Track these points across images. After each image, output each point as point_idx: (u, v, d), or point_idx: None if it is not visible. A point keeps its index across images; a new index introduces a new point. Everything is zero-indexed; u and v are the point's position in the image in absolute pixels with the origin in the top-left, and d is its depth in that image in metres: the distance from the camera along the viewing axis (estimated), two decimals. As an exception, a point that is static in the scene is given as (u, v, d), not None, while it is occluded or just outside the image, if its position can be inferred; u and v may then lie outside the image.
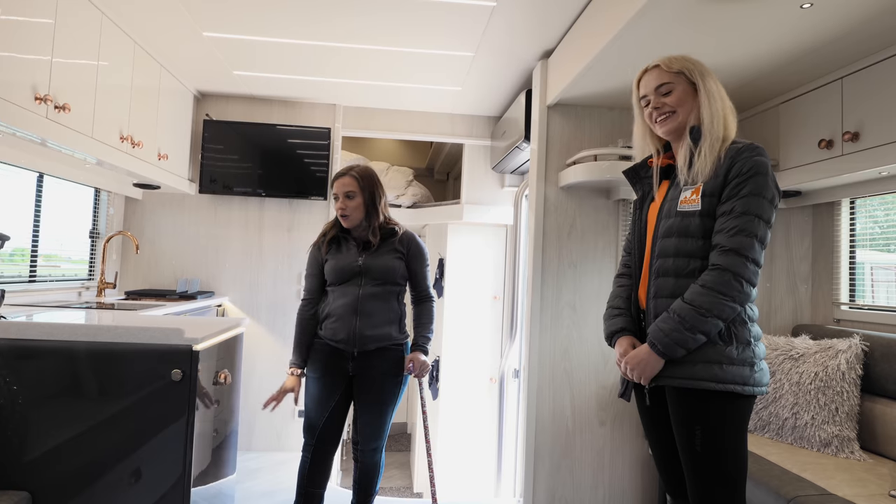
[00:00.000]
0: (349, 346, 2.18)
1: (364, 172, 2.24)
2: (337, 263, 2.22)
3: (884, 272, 2.52)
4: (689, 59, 1.55)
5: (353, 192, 2.18)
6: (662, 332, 1.44)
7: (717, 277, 1.39)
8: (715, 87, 1.52)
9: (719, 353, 1.42)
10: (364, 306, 2.18)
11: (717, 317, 1.39)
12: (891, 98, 1.96)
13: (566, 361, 2.71)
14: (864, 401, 2.18)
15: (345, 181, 2.20)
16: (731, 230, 1.40)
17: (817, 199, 2.57)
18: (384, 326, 2.21)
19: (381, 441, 2.25)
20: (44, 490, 1.60)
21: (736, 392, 1.40)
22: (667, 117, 1.55)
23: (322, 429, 2.19)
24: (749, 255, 1.38)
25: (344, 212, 2.19)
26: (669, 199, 1.55)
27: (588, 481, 2.70)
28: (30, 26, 1.98)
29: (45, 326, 1.65)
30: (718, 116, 1.49)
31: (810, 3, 1.73)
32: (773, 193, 1.43)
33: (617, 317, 1.64)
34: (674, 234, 1.50)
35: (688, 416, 1.45)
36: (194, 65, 3.18)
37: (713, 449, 1.41)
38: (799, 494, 1.76)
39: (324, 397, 2.20)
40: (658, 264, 1.52)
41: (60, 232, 3.03)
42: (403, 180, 4.45)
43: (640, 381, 1.51)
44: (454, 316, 4.07)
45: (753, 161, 1.41)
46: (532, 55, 2.82)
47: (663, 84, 1.54)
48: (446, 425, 4.03)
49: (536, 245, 2.72)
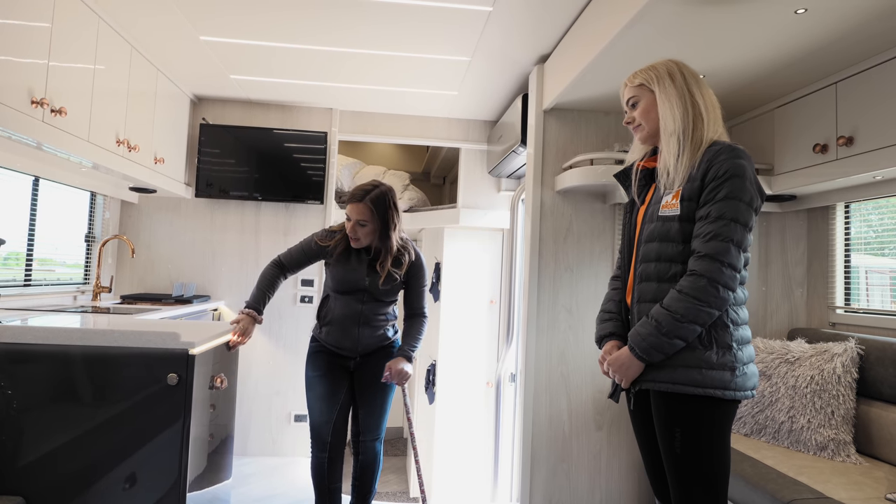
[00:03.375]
0: (352, 352, 2.27)
1: (378, 199, 2.15)
2: (344, 276, 2.21)
3: (878, 276, 2.53)
4: (654, 66, 1.56)
5: (366, 221, 2.14)
6: (640, 337, 1.45)
7: (693, 283, 1.39)
8: (676, 90, 1.51)
9: (698, 358, 1.42)
10: (367, 318, 2.25)
11: (693, 322, 1.39)
12: (885, 102, 1.97)
13: (563, 365, 2.71)
14: (860, 404, 2.18)
15: (358, 209, 2.14)
16: (706, 235, 1.40)
17: (812, 203, 2.58)
18: (382, 330, 2.31)
19: (382, 430, 2.31)
20: (38, 495, 1.59)
21: (716, 396, 1.41)
22: (636, 129, 1.60)
23: (335, 425, 2.22)
24: (725, 261, 1.38)
25: (354, 235, 2.17)
26: (653, 202, 1.57)
27: (585, 485, 2.70)
28: (26, 30, 1.98)
29: (40, 331, 1.64)
30: (680, 118, 1.48)
31: (804, 9, 1.74)
32: (752, 196, 1.42)
33: (607, 321, 1.66)
34: (655, 238, 1.51)
35: (668, 418, 1.46)
36: (191, 69, 3.18)
37: (693, 451, 1.42)
38: (795, 498, 1.76)
39: (330, 393, 2.23)
40: (641, 269, 1.54)
41: (56, 236, 3.01)
42: (400, 184, 4.45)
43: (622, 383, 1.53)
44: (450, 320, 4.06)
45: (730, 164, 1.40)
46: (528, 60, 2.83)
47: (630, 98, 1.60)
48: (442, 429, 4.02)
49: (533, 249, 2.73)
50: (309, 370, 2.29)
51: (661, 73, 1.54)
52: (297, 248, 2.28)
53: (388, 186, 2.21)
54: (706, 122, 1.50)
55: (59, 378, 1.61)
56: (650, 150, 1.66)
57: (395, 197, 2.22)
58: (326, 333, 2.27)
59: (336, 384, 2.25)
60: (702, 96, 1.52)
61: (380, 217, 2.16)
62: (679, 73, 1.53)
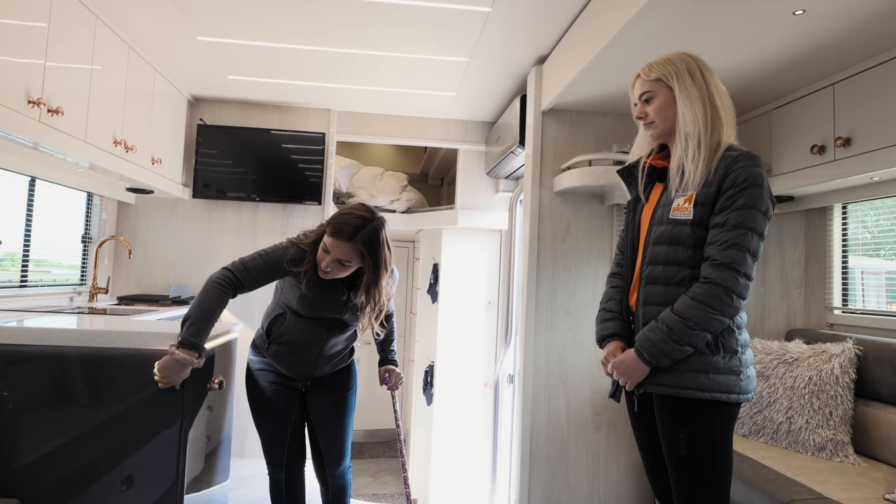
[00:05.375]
0: (302, 379, 2.01)
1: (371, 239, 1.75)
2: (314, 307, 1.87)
3: (874, 277, 2.54)
4: (672, 60, 1.50)
5: (350, 262, 1.78)
6: (650, 342, 1.44)
7: (708, 291, 1.38)
8: (696, 90, 1.46)
9: (706, 363, 1.41)
10: (329, 349, 1.98)
11: (705, 330, 1.39)
12: (882, 104, 1.98)
13: (561, 366, 2.71)
14: (858, 405, 2.19)
15: (345, 249, 1.73)
16: (723, 243, 1.38)
17: (810, 204, 2.59)
18: (342, 355, 2.07)
19: (348, 455, 2.10)
20: (34, 497, 1.57)
21: (721, 400, 1.41)
22: (648, 126, 1.54)
23: (290, 443, 2.02)
24: (741, 270, 1.37)
25: (328, 269, 1.77)
26: (662, 204, 1.53)
27: (583, 487, 2.70)
28: (23, 30, 1.97)
29: (36, 332, 1.63)
30: (701, 120, 1.44)
31: (802, 10, 1.74)
32: (768, 205, 1.41)
33: (609, 321, 1.64)
34: (664, 241, 1.48)
35: (672, 420, 1.45)
36: (189, 69, 3.17)
37: (697, 452, 1.42)
38: (794, 499, 1.76)
39: (281, 416, 1.98)
40: (648, 271, 1.51)
41: (52, 236, 3.00)
42: (398, 185, 4.44)
43: (627, 386, 1.52)
44: (448, 321, 4.06)
45: (749, 172, 1.38)
46: (527, 61, 2.83)
47: (644, 93, 1.53)
48: (441, 431, 4.02)
49: (531, 250, 2.72)
50: (252, 389, 1.99)
51: (681, 70, 1.48)
52: (258, 264, 1.78)
53: (382, 219, 1.82)
54: (724, 124, 1.46)
55: (56, 379, 1.60)
56: (657, 146, 1.61)
57: (388, 231, 1.83)
58: (276, 354, 1.94)
59: (287, 405, 1.98)
60: (719, 97, 1.48)
61: (371, 261, 1.77)
62: (698, 71, 1.48)
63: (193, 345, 1.61)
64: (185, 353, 1.59)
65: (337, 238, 1.72)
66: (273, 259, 1.80)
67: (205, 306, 1.67)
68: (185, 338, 1.61)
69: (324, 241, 1.76)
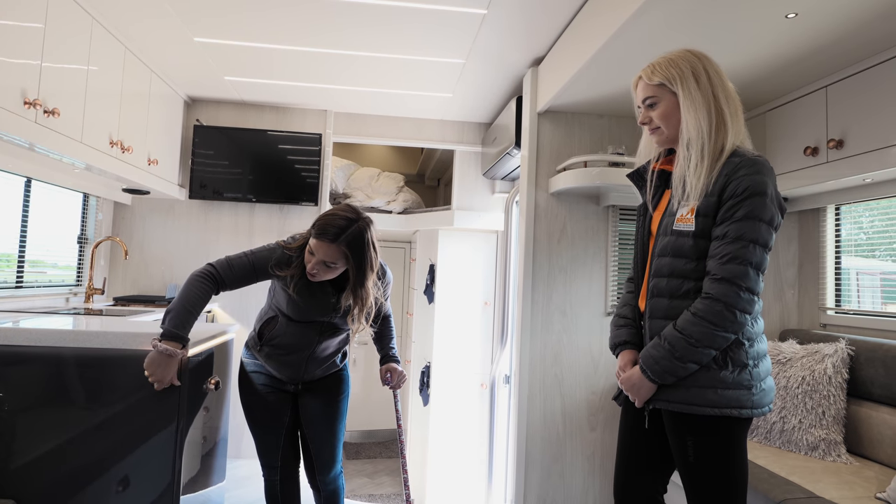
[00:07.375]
0: (293, 382, 2.01)
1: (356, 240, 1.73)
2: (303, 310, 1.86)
3: (868, 278, 2.56)
4: (676, 62, 1.42)
5: (335, 264, 1.75)
6: (653, 360, 1.40)
7: (709, 307, 1.33)
8: (702, 95, 1.39)
9: (713, 378, 1.36)
10: (322, 348, 1.97)
11: (708, 347, 1.34)
12: (874, 106, 2.00)
13: (557, 367, 2.72)
14: (851, 404, 2.20)
15: (329, 251, 1.71)
16: (723, 257, 1.33)
17: (803, 206, 2.61)
18: (333, 359, 2.05)
19: (339, 460, 2.09)
20: (30, 498, 1.57)
21: (733, 416, 1.35)
22: (654, 132, 1.48)
23: (284, 445, 2.02)
24: (742, 284, 1.31)
25: (314, 272, 1.75)
26: (668, 214, 1.47)
27: (579, 486, 2.71)
28: (19, 30, 1.97)
29: (32, 332, 1.63)
30: (705, 129, 1.37)
31: (795, 13, 1.76)
32: (773, 215, 1.33)
33: (622, 327, 1.59)
34: (668, 253, 1.43)
35: (681, 434, 1.41)
36: (185, 70, 3.18)
37: (709, 466, 1.38)
38: (787, 498, 1.77)
39: (273, 419, 1.99)
40: (653, 283, 1.47)
41: (48, 237, 3.00)
42: (394, 186, 4.45)
43: (635, 403, 1.48)
44: (445, 322, 4.06)
45: (750, 180, 1.31)
46: (522, 62, 2.84)
47: (648, 98, 1.46)
48: (437, 431, 4.02)
49: (527, 250, 2.73)
50: (245, 393, 2.00)
51: (685, 73, 1.40)
52: (241, 263, 1.77)
53: (367, 220, 1.79)
54: (729, 129, 1.39)
55: (51, 380, 1.60)
56: (664, 148, 1.54)
57: (374, 232, 1.80)
58: (267, 356, 1.95)
59: (279, 407, 1.98)
60: (726, 99, 1.40)
61: (355, 262, 1.75)
62: (704, 73, 1.40)
63: (175, 335, 1.58)
64: (168, 344, 1.56)
65: (321, 239, 1.70)
66: (257, 260, 1.78)
67: (185, 298, 1.66)
68: (166, 329, 1.59)
69: (309, 243, 1.75)
